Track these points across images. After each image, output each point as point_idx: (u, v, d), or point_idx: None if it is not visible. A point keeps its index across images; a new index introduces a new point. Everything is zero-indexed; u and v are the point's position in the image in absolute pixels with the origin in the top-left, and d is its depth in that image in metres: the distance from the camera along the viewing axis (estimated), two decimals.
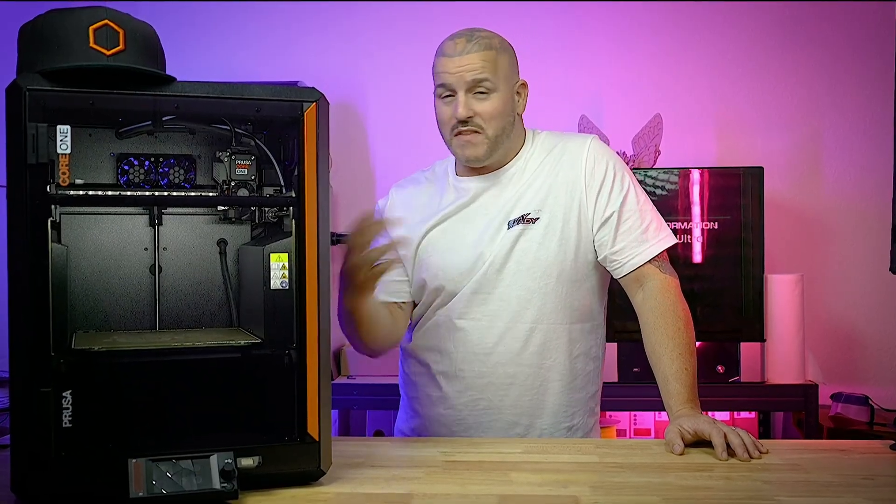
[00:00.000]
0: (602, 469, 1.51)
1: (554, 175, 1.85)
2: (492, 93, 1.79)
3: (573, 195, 1.84)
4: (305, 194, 1.38)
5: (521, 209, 1.84)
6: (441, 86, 1.81)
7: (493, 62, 1.79)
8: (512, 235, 1.82)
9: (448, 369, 1.87)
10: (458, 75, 1.78)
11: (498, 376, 1.85)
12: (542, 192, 1.84)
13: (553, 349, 1.84)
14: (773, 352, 2.96)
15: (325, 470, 1.40)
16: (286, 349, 1.39)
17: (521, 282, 1.82)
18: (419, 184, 1.97)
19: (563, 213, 1.83)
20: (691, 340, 1.76)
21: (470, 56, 1.78)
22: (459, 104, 1.78)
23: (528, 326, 1.83)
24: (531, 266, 1.82)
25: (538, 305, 1.83)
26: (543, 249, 1.82)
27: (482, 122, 1.79)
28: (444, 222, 1.88)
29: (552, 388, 1.85)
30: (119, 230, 1.54)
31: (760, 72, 3.41)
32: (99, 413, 1.30)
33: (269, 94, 1.39)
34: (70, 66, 1.29)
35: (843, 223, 3.38)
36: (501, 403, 1.85)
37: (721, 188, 2.97)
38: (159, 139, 1.55)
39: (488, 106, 1.79)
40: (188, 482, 1.27)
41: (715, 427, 1.58)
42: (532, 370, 1.84)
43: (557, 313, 1.84)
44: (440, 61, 1.81)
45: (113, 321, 1.53)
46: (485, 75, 1.78)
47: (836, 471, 1.49)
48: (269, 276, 1.41)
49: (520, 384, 1.85)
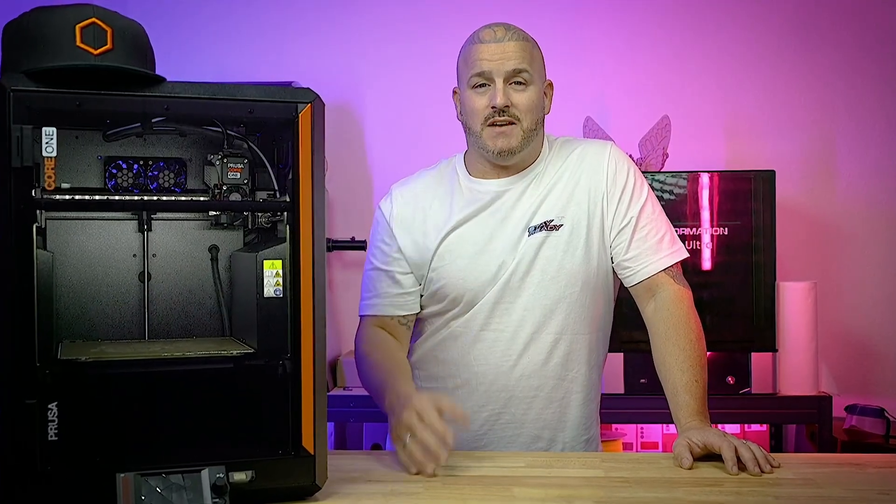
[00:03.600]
0: (608, 484, 1.48)
1: (575, 181, 1.82)
2: (529, 85, 1.76)
3: (595, 201, 1.81)
4: (300, 199, 1.36)
5: (542, 215, 1.80)
6: (478, 74, 1.76)
7: (530, 54, 1.77)
8: (534, 242, 1.79)
9: (467, 383, 1.83)
10: (498, 62, 1.74)
11: (521, 389, 1.81)
12: (564, 198, 1.81)
13: (576, 360, 1.83)
14: (786, 362, 2.92)
15: (321, 485, 1.38)
16: (280, 359, 1.38)
17: (545, 291, 1.79)
18: (425, 183, 1.91)
19: (587, 220, 1.80)
20: (703, 354, 1.73)
21: (511, 44, 1.75)
22: (498, 92, 1.74)
23: (553, 337, 1.80)
24: (556, 274, 1.79)
25: (563, 315, 1.80)
26: (568, 257, 1.79)
27: (518, 113, 1.76)
28: (460, 227, 1.83)
29: (574, 399, 1.84)
30: (107, 236, 1.52)
31: (771, 72, 3.38)
32: (86, 426, 1.29)
33: (262, 95, 1.37)
34: (56, 65, 1.27)
35: (858, 229, 3.34)
36: (525, 417, 1.82)
37: (731, 192, 2.93)
38: (148, 142, 1.53)
39: (525, 98, 1.76)
40: (178, 498, 1.26)
41: (725, 440, 1.55)
42: (556, 382, 1.82)
43: (581, 323, 1.82)
44: (477, 48, 1.77)
45: (100, 330, 1.51)
46: (524, 66, 1.75)
47: (851, 486, 1.47)
48: (263, 283, 1.39)
49: (544, 396, 1.82)
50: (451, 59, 1.85)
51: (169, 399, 1.35)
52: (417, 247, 1.83)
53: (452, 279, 1.81)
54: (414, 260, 1.84)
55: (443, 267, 1.82)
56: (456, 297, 1.82)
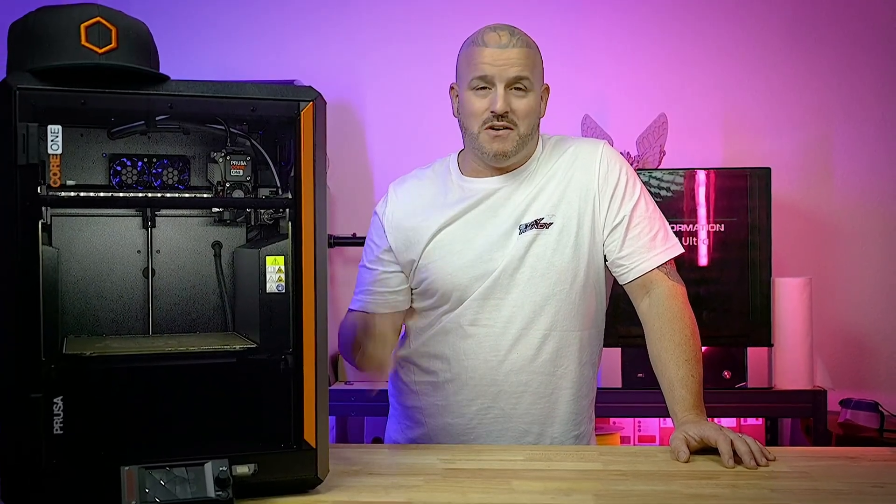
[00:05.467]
0: (606, 477, 1.49)
1: (567, 179, 1.83)
2: (529, 91, 1.77)
3: (586, 200, 1.82)
4: (302, 196, 1.36)
5: (533, 213, 1.81)
6: (479, 77, 1.76)
7: (532, 61, 1.78)
8: (525, 240, 1.80)
9: (457, 377, 1.84)
10: (501, 68, 1.75)
11: (510, 384, 1.82)
12: (556, 197, 1.82)
13: (565, 356, 1.83)
14: (781, 357, 2.93)
15: (322, 478, 1.38)
16: (282, 354, 1.38)
17: (535, 288, 1.80)
18: (420, 181, 1.93)
19: (578, 218, 1.81)
20: (698, 349, 1.74)
21: (514, 51, 1.75)
22: (499, 98, 1.75)
23: (542, 333, 1.81)
24: (545, 272, 1.80)
25: (553, 312, 1.81)
26: (558, 255, 1.80)
27: (516, 119, 1.77)
28: (451, 224, 1.84)
29: (563, 395, 1.84)
30: (111, 232, 1.53)
31: (768, 70, 3.38)
32: (91, 420, 1.29)
33: (264, 93, 1.37)
34: (61, 64, 1.28)
35: (853, 225, 3.35)
36: (513, 412, 1.83)
37: (728, 190, 2.94)
38: (152, 139, 1.54)
39: (524, 104, 1.77)
40: (182, 490, 1.25)
41: (721, 434, 1.56)
42: (544, 378, 1.82)
43: (570, 320, 1.82)
44: (480, 51, 1.77)
45: (105, 325, 1.52)
46: (526, 73, 1.76)
47: (846, 479, 1.47)
48: (265, 279, 1.39)
49: (532, 392, 1.82)
50: (451, 57, 1.85)
51: (173, 393, 1.35)
52: (409, 243, 1.85)
53: (442, 275, 1.82)
54: (404, 257, 1.85)
55: (433, 263, 1.83)
56: (445, 292, 1.83)
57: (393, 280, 1.88)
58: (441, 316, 1.85)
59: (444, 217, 1.84)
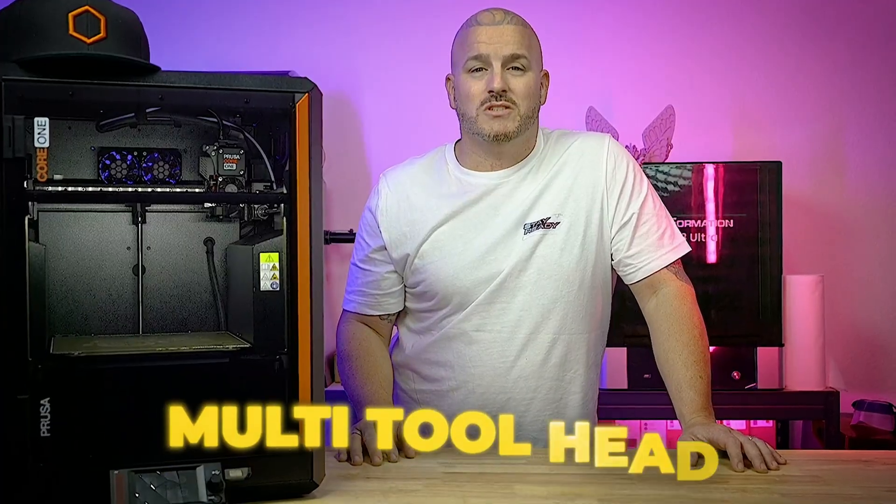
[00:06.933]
0: (611, 481, 1.46)
1: (573, 176, 1.79)
2: (527, 71, 1.74)
3: (594, 198, 1.78)
4: (297, 190, 1.35)
5: (539, 212, 1.77)
6: (474, 58, 1.73)
7: (528, 40, 1.75)
8: (530, 241, 1.76)
9: (463, 385, 1.81)
10: (496, 46, 1.71)
11: (520, 391, 1.79)
12: (562, 195, 1.78)
13: (574, 360, 1.81)
14: (792, 357, 2.90)
15: (318, 482, 1.37)
16: (277, 354, 1.37)
17: (542, 290, 1.77)
18: (413, 172, 1.87)
19: (586, 218, 1.78)
20: (706, 349, 1.72)
21: (509, 28, 1.72)
22: (496, 76, 1.71)
23: (551, 337, 1.78)
24: (553, 274, 1.76)
25: (561, 315, 1.78)
26: (566, 256, 1.77)
27: (516, 98, 1.73)
28: (449, 221, 1.79)
29: (572, 400, 1.82)
30: (100, 228, 1.52)
31: (778, 61, 3.36)
32: (79, 422, 1.28)
33: (258, 84, 1.36)
34: (48, 54, 1.26)
35: (866, 221, 3.32)
36: (522, 420, 1.79)
37: (737, 184, 2.91)
38: (143, 132, 1.52)
39: (523, 83, 1.73)
40: (173, 495, 1.25)
41: (731, 436, 1.54)
42: (554, 383, 1.80)
43: (579, 322, 1.80)
44: (474, 31, 1.74)
45: (94, 324, 1.51)
46: (522, 51, 1.73)
47: (859, 483, 1.46)
48: (259, 276, 1.38)
49: (542, 398, 1.80)
50: (449, 49, 1.82)
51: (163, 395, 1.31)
52: (404, 238, 1.80)
53: (441, 277, 1.78)
54: (398, 252, 1.81)
55: (431, 264, 1.78)
56: (445, 295, 1.79)
57: (385, 282, 1.84)
58: (442, 320, 1.81)
59: (441, 212, 1.79)
